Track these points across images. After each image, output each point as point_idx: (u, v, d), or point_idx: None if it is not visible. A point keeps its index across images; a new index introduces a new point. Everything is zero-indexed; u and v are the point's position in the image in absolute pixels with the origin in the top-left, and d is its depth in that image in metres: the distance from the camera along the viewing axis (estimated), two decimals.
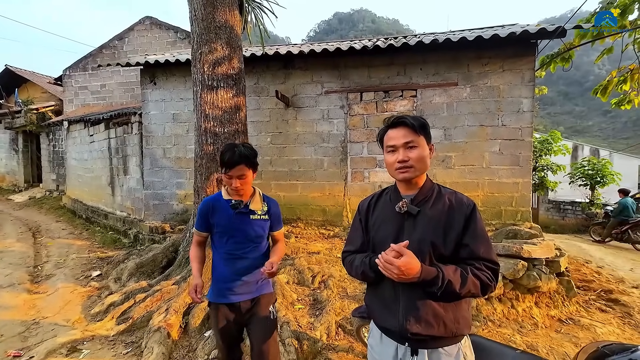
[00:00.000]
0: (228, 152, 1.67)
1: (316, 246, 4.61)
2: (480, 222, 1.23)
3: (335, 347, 2.80)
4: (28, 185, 13.71)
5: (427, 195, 1.28)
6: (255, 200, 1.84)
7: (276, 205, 1.91)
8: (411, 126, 1.26)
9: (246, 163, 1.68)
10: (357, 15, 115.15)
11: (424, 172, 1.29)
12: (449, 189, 1.32)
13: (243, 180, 1.70)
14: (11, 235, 6.98)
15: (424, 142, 1.27)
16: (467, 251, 1.20)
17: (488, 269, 1.18)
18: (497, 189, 4.95)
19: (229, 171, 1.67)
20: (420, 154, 1.25)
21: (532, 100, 4.83)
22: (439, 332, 1.19)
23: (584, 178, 11.98)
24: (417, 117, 1.30)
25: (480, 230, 1.22)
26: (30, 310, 3.69)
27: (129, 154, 6.83)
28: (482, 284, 1.16)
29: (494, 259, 1.20)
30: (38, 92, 14.21)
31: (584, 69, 57.75)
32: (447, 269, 1.16)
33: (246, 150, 1.69)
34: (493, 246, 1.23)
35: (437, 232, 1.22)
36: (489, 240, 1.22)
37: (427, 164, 1.28)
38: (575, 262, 5.22)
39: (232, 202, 1.77)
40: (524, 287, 3.55)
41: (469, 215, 1.22)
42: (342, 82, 5.39)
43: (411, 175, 1.26)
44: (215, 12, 3.80)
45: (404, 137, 1.26)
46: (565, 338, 3.10)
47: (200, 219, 1.82)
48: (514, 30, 4.45)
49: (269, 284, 1.90)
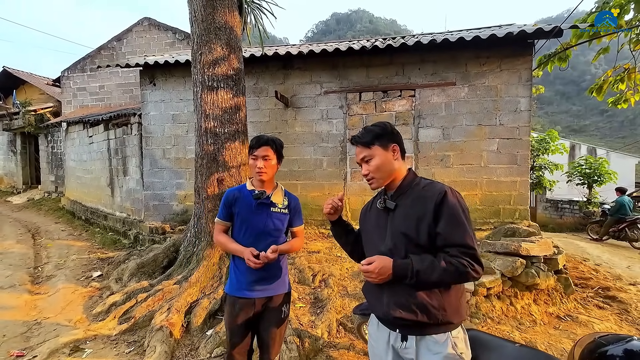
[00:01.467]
0: (256, 137, 1.83)
1: (316, 245, 4.63)
2: (454, 208, 1.22)
3: (336, 344, 2.83)
4: (26, 186, 13.66)
5: (405, 189, 1.34)
6: (277, 193, 1.88)
7: (297, 201, 1.95)
8: (361, 143, 1.37)
9: (271, 146, 1.79)
10: (354, 16, 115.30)
11: (389, 175, 1.35)
12: (428, 180, 1.35)
13: (267, 162, 1.77)
14: (10, 237, 6.97)
15: (380, 151, 1.34)
16: (441, 239, 1.22)
17: (464, 255, 1.18)
18: (495, 187, 4.99)
19: (255, 151, 1.78)
20: (377, 164, 1.33)
21: (529, 99, 4.87)
22: (422, 318, 1.22)
23: (581, 177, 12.03)
24: (370, 128, 1.37)
25: (453, 217, 1.21)
26: (32, 311, 3.70)
27: (129, 155, 6.84)
28: (457, 270, 1.16)
29: (469, 243, 1.19)
30: (36, 93, 14.16)
31: (580, 68, 58.08)
32: (417, 259, 1.21)
33: (273, 137, 1.84)
34: (470, 231, 1.21)
35: (409, 224, 1.26)
36: (464, 225, 1.21)
37: (388, 168, 1.34)
38: (573, 260, 5.27)
39: (254, 192, 1.81)
40: (522, 285, 3.59)
41: (439, 202, 1.22)
42: (341, 82, 5.43)
43: (376, 185, 1.37)
44: (215, 13, 3.82)
45: (359, 154, 1.38)
46: (564, 334, 3.14)
47: (223, 208, 1.86)
48: (511, 30, 4.49)
49: (286, 283, 1.91)
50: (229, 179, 3.88)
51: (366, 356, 2.68)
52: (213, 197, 3.82)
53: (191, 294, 3.39)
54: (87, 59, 11.68)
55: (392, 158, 1.35)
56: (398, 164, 1.36)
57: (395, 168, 1.35)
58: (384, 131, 1.35)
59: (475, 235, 1.26)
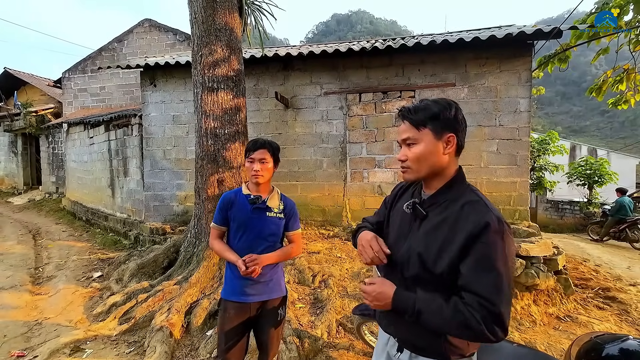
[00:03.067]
0: (253, 140, 1.84)
1: (316, 246, 4.64)
2: (491, 248, 0.94)
3: (336, 345, 2.83)
4: (27, 187, 13.69)
5: (445, 198, 1.07)
6: (273, 197, 1.87)
7: (293, 206, 1.93)
8: (410, 121, 1.08)
9: (268, 149, 1.79)
10: (355, 17, 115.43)
11: (431, 171, 1.08)
12: (475, 195, 1.06)
13: (263, 165, 1.77)
14: (11, 237, 6.98)
15: (430, 137, 1.05)
16: (462, 281, 0.97)
17: (484, 309, 0.92)
18: (495, 188, 4.99)
19: (252, 154, 1.77)
20: (419, 152, 1.05)
21: (529, 100, 4.88)
22: (416, 340, 1.10)
23: (582, 178, 12.04)
24: (427, 103, 1.07)
25: (485, 260, 0.94)
26: (33, 311, 3.71)
27: (129, 156, 6.85)
28: (466, 323, 0.93)
29: (493, 299, 0.92)
30: (37, 94, 14.21)
31: (581, 69, 58.03)
32: (424, 298, 1.01)
33: (270, 140, 1.84)
34: (505, 285, 0.94)
35: (430, 245, 1.03)
36: (496, 275, 0.93)
37: (433, 161, 1.06)
38: (574, 261, 5.27)
39: (250, 196, 1.81)
40: (522, 285, 3.59)
41: (474, 235, 0.96)
42: (341, 83, 5.44)
43: (410, 177, 1.11)
44: (215, 14, 3.84)
45: (403, 133, 1.10)
46: (563, 335, 3.14)
47: (219, 212, 1.86)
48: (511, 31, 4.50)
49: (281, 286, 1.90)
50: (229, 180, 3.89)
51: (366, 356, 2.69)
52: (213, 197, 3.83)
53: (191, 294, 3.39)
54: (88, 60, 11.72)
55: (442, 150, 1.05)
56: (448, 160, 1.07)
57: (443, 164, 1.07)
58: (444, 114, 1.04)
59: (512, 293, 1.00)
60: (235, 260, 1.73)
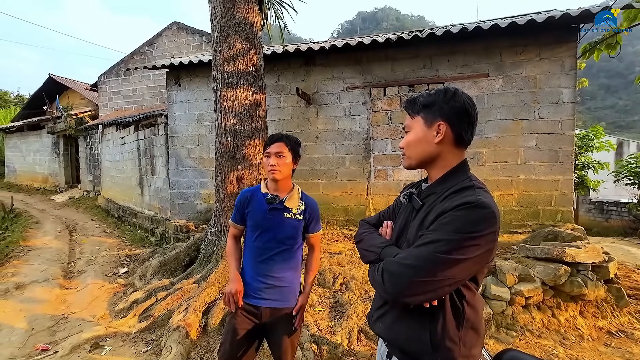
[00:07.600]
0: (270, 134, 1.75)
1: (338, 247, 4.47)
2: (456, 219, 0.89)
3: (356, 353, 2.65)
4: (68, 186, 14.54)
5: (442, 188, 1.03)
6: (293, 197, 1.73)
7: (314, 206, 1.78)
8: (407, 110, 1.12)
9: (285, 142, 1.67)
10: (380, 14, 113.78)
11: (422, 158, 1.07)
12: (472, 184, 0.99)
13: (280, 159, 1.65)
14: (50, 232, 7.37)
15: (420, 125, 1.05)
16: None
17: (392, 262, 0.97)
18: (533, 187, 4.58)
19: (268, 148, 1.67)
20: (410, 139, 1.08)
21: (573, 90, 4.43)
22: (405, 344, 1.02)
23: (630, 176, 11.00)
24: (423, 94, 1.09)
25: (445, 225, 0.90)
26: (61, 305, 3.83)
27: (156, 155, 7.01)
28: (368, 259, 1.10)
29: (408, 261, 0.92)
30: (77, 98, 15.05)
31: (628, 59, 53.59)
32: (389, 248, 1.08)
33: (288, 134, 1.74)
34: (442, 252, 0.88)
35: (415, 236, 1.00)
36: (433, 243, 0.89)
37: (422, 149, 1.05)
38: (624, 268, 4.73)
39: (267, 196, 1.69)
40: (566, 295, 3.23)
41: (447, 210, 0.92)
42: (365, 78, 5.22)
43: (406, 164, 1.13)
44: (234, 8, 3.77)
45: (405, 121, 1.14)
46: (617, 353, 2.77)
47: (236, 210, 1.77)
48: (553, 15, 4.09)
49: (296, 296, 1.75)
50: (249, 177, 3.81)
51: None
52: (232, 195, 3.76)
53: (209, 293, 3.34)
54: (122, 64, 12.21)
55: (432, 138, 1.03)
56: (441, 149, 1.04)
57: (433, 153, 1.05)
58: (435, 101, 1.03)
59: (452, 266, 0.88)
60: (232, 274, 1.70)
